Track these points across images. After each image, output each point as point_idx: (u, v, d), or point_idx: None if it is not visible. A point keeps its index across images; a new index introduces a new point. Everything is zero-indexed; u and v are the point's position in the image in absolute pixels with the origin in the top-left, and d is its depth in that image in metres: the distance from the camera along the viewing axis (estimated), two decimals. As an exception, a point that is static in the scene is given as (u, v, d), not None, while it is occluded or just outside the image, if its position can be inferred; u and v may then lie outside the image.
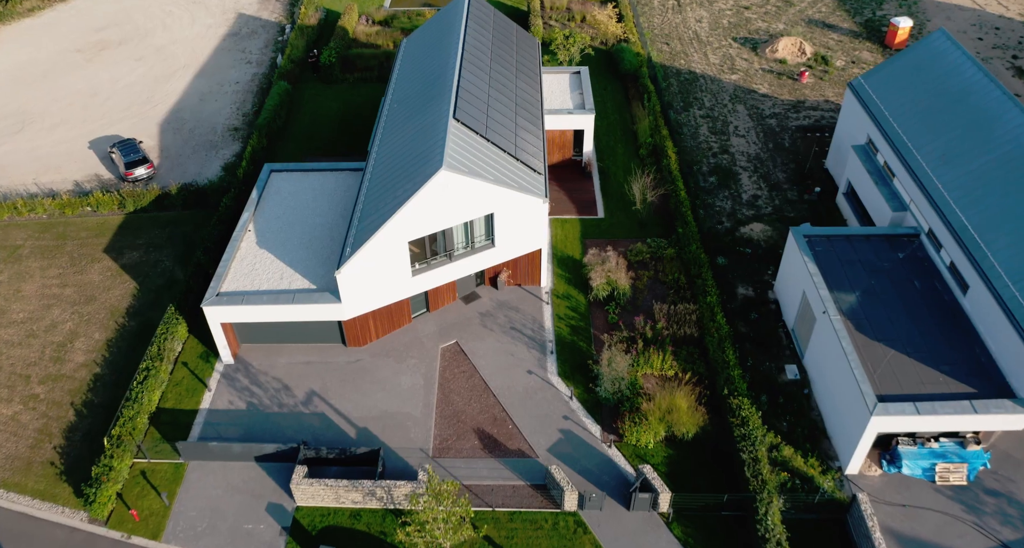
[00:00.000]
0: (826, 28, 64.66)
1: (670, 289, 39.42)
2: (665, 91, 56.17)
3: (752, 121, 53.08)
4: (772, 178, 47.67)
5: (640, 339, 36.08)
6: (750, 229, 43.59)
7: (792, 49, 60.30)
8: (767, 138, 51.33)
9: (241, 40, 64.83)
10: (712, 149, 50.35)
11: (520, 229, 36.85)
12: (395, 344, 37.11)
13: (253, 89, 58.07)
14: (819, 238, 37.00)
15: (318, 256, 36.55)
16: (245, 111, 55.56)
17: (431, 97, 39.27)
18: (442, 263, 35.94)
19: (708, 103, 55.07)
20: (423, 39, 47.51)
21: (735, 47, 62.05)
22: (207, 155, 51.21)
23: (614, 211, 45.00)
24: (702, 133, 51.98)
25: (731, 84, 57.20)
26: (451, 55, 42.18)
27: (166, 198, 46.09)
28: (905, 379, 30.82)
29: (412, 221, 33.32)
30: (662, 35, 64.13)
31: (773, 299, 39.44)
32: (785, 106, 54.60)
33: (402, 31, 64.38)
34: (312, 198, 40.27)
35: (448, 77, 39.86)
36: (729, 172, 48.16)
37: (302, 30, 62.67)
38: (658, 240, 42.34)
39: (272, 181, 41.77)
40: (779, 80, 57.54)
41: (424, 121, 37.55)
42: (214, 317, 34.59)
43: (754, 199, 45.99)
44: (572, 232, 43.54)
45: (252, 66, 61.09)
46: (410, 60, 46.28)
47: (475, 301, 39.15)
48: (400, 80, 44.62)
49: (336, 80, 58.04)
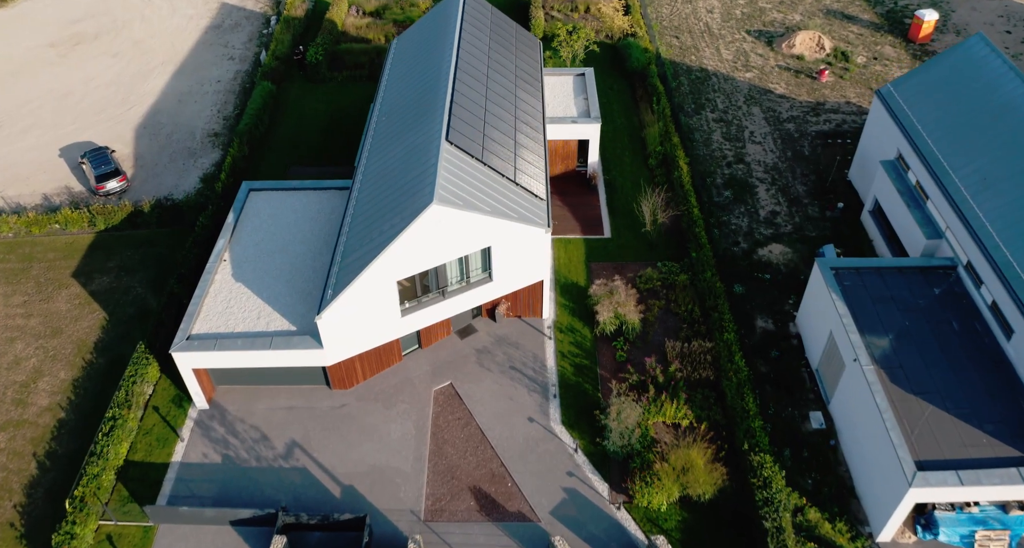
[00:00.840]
0: (845, 20, 60.73)
1: (683, 322, 36.33)
2: (675, 91, 52.54)
3: (768, 126, 49.55)
4: (791, 191, 44.31)
5: (651, 384, 33.07)
6: (768, 251, 40.36)
7: (810, 44, 56.51)
8: (785, 145, 47.85)
9: (224, 33, 60.99)
10: (726, 158, 46.91)
11: (520, 261, 33.69)
12: (384, 386, 34.14)
13: (235, 89, 54.44)
14: (847, 271, 33.81)
15: (299, 291, 33.43)
16: (226, 114, 52.01)
17: (422, 112, 35.83)
18: (435, 301, 32.82)
19: (721, 105, 51.49)
20: (415, 40, 43.86)
21: (749, 41, 58.24)
22: (185, 164, 47.80)
23: (621, 230, 41.74)
24: (715, 139, 48.49)
25: (745, 83, 53.55)
26: (445, 62, 38.63)
27: (139, 216, 42.83)
28: (945, 441, 27.86)
29: (400, 259, 30.15)
30: (671, 28, 60.24)
31: (795, 333, 36.36)
32: (803, 108, 51.02)
33: (394, 23, 60.52)
34: (294, 221, 37.02)
35: (441, 89, 36.38)
36: (745, 185, 44.79)
37: (288, 23, 58.84)
38: (670, 264, 39.15)
39: (250, 201, 38.47)
40: (797, 79, 53.86)
41: (414, 141, 34.17)
42: (184, 363, 31.59)
43: (772, 216, 42.69)
44: (576, 254, 40.34)
45: (235, 63, 57.36)
46: (401, 64, 42.69)
47: (471, 335, 36.11)
48: (390, 88, 41.09)
49: (323, 79, 54.38)
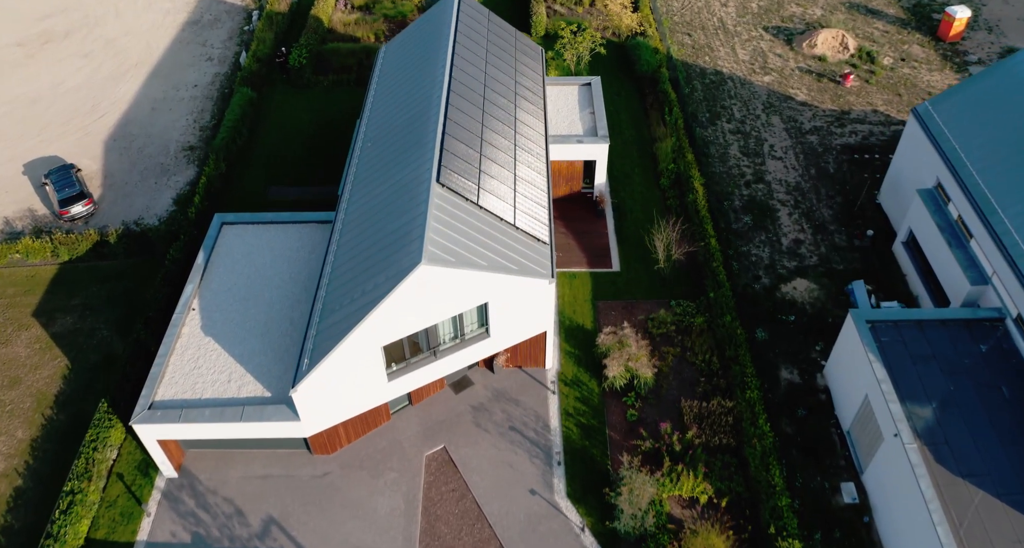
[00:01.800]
0: (869, 14, 56.47)
1: (700, 374, 33.05)
2: (688, 98, 48.61)
3: (790, 138, 45.73)
4: (816, 216, 40.70)
5: (666, 452, 29.88)
6: (793, 288, 36.92)
7: (833, 43, 52.40)
8: (808, 161, 44.10)
9: (202, 30, 56.81)
10: (745, 176, 43.21)
11: (521, 314, 30.29)
12: (371, 450, 30.98)
13: (213, 95, 50.50)
14: (885, 325, 30.40)
15: (274, 348, 30.09)
16: (203, 124, 48.16)
17: (411, 143, 32.14)
18: (425, 361, 29.49)
19: (738, 114, 47.61)
20: (404, 50, 39.92)
21: (767, 39, 54.10)
22: (157, 183, 44.13)
23: (631, 262, 38.24)
24: (732, 154, 44.73)
25: (764, 88, 49.59)
26: (436, 80, 34.82)
27: (105, 246, 39.32)
28: (997, 534, 24.74)
29: (385, 324, 26.77)
30: (683, 23, 56.02)
31: (823, 386, 33.10)
32: (827, 118, 47.13)
33: (385, 19, 56.31)
34: (270, 262, 33.55)
35: (432, 114, 32.63)
36: (766, 208, 41.16)
37: (271, 19, 54.65)
38: (684, 304, 35.75)
39: (223, 237, 34.95)
40: (819, 83, 49.88)
41: (402, 178, 30.54)
42: (147, 435, 28.39)
43: (796, 245, 39.15)
44: (582, 290, 36.91)
45: (213, 64, 53.31)
46: (389, 79, 38.83)
47: (467, 390, 32.86)
48: (377, 106, 37.31)
49: (308, 84, 50.40)
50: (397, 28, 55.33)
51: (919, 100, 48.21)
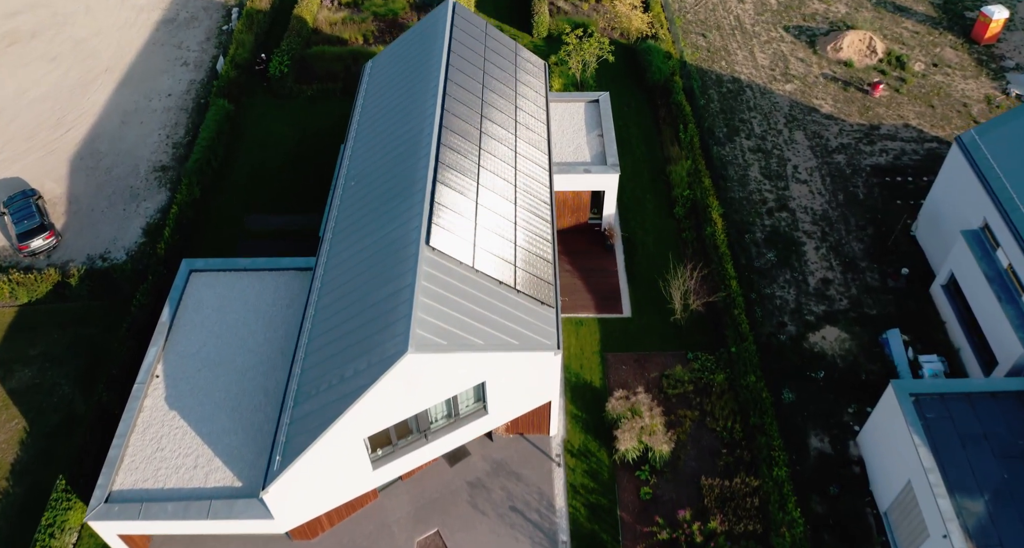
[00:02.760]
0: (897, 13, 52.25)
1: (722, 444, 29.87)
2: (704, 110, 44.74)
3: (815, 157, 42.01)
4: (845, 250, 37.20)
5: (685, 544, 26.81)
6: (821, 338, 33.59)
7: (860, 46, 48.34)
8: (835, 185, 40.44)
9: (177, 30, 52.63)
10: (767, 203, 39.59)
11: (524, 388, 27.00)
12: (356, 535, 27.90)
13: (188, 105, 46.60)
14: (930, 399, 27.12)
15: (247, 426, 26.84)
16: (176, 140, 44.35)
17: (398, 189, 28.53)
18: (415, 444, 26.28)
19: (758, 128, 43.79)
20: (393, 69, 36.05)
21: (788, 41, 50.00)
22: (126, 210, 40.52)
23: (643, 306, 34.86)
24: (753, 176, 41.05)
25: (786, 99, 45.68)
26: (427, 110, 31.09)
27: (67, 286, 35.91)
28: None
29: (367, 416, 23.50)
30: (696, 22, 51.84)
31: (856, 456, 29.95)
32: (855, 133, 43.33)
33: (375, 18, 52.13)
34: (242, 318, 30.14)
35: (422, 156, 28.98)
36: (790, 241, 37.62)
37: (251, 18, 50.47)
38: (703, 357, 32.47)
39: (192, 287, 31.51)
40: (845, 92, 45.96)
41: (387, 234, 26.98)
42: (105, 532, 25.31)
43: (824, 285, 35.71)
44: (590, 340, 33.60)
45: (189, 70, 49.30)
46: (375, 101, 35.05)
47: (463, 461, 29.70)
48: (362, 134, 33.61)
49: (290, 94, 46.46)
50: (387, 28, 51.23)
51: (953, 113, 44.38)
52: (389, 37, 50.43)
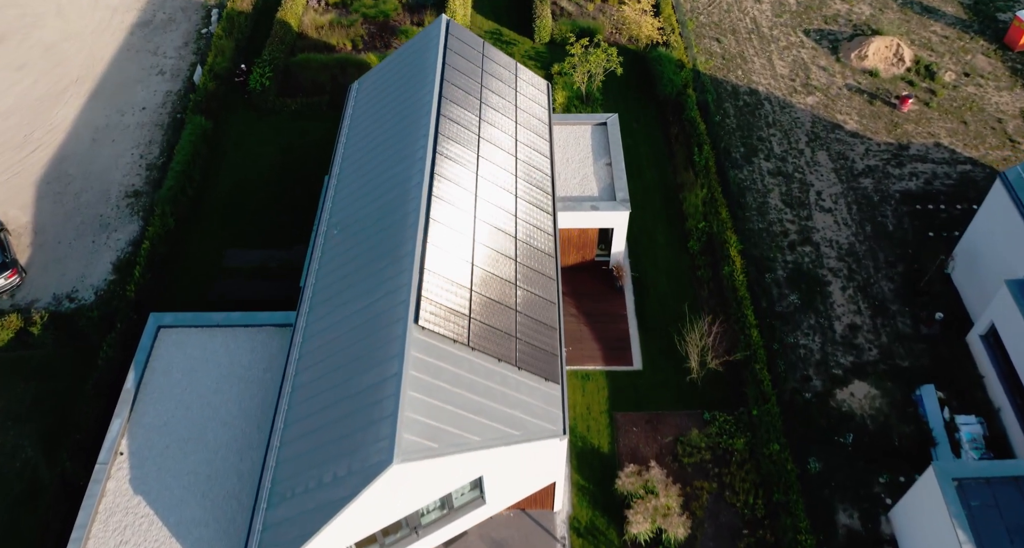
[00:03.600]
0: (925, 14, 48.65)
1: (743, 523, 27.26)
2: (719, 126, 41.47)
3: (840, 182, 38.87)
4: (874, 291, 34.28)
5: (704, 647, 24.39)
6: (850, 394, 30.83)
7: (886, 54, 44.89)
8: (862, 214, 37.38)
9: (154, 33, 49.10)
10: (788, 235, 36.57)
11: (526, 475, 24.29)
12: (342, 630, 25.47)
13: (163, 121, 43.31)
14: (975, 483, 24.43)
15: (219, 517, 24.13)
16: (150, 160, 41.18)
17: (385, 249, 25.51)
18: (404, 540, 23.62)
19: (778, 148, 40.59)
20: (380, 96, 32.79)
21: (808, 46, 46.51)
22: (95, 242, 37.51)
23: (655, 357, 32.05)
24: (773, 204, 37.97)
25: (807, 113, 42.38)
26: (417, 150, 27.96)
27: (30, 333, 33.08)
28: None
29: (349, 526, 20.82)
30: (710, 25, 48.28)
31: (889, 535, 27.36)
32: (882, 154, 40.14)
33: (364, 20, 48.54)
34: (216, 385, 27.32)
35: (411, 209, 25.92)
36: (815, 281, 34.69)
37: (232, 22, 46.95)
38: (721, 418, 29.74)
39: (161, 345, 28.64)
40: (871, 106, 42.64)
41: (373, 304, 24.05)
42: (57, 642, 22.84)
43: (852, 333, 32.86)
44: (597, 397, 30.85)
45: (165, 80, 45.91)
46: (361, 131, 31.88)
47: (458, 541, 27.11)
48: (347, 171, 30.51)
49: (272, 109, 43.13)
50: (378, 32, 47.71)
51: (987, 130, 41.15)
52: (380, 42, 46.97)
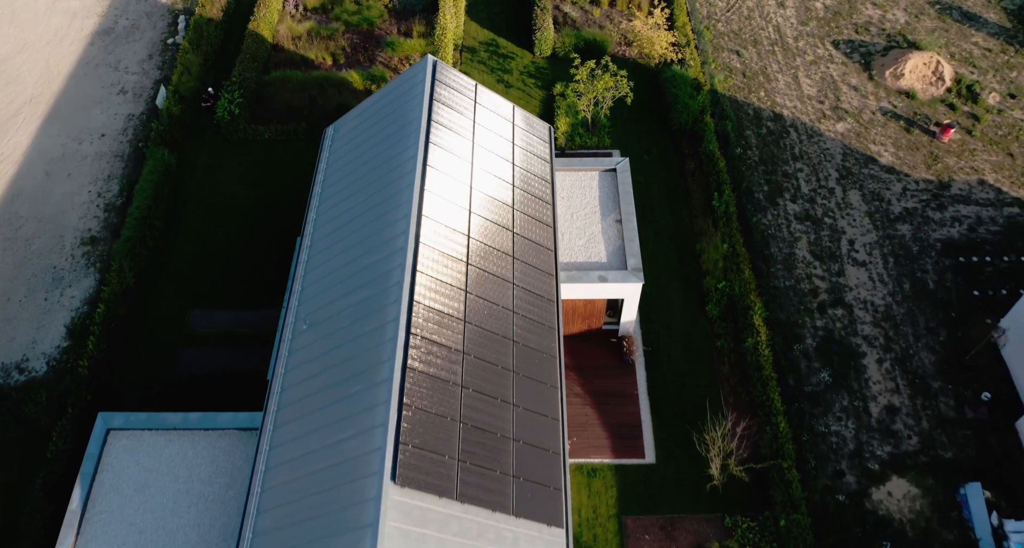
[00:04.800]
0: (965, 22, 44.01)
1: None
2: (741, 160, 37.35)
3: (875, 228, 34.98)
4: (914, 364, 30.71)
5: None
6: (887, 494, 27.50)
7: (924, 72, 40.51)
8: (900, 269, 33.59)
9: (116, 43, 44.51)
10: (818, 295, 32.82)
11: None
12: None
13: (124, 151, 39.13)
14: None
15: None
16: (109, 199, 37.17)
17: (359, 366, 21.84)
18: None
19: (806, 186, 36.57)
20: (358, 150, 28.68)
21: (838, 61, 42.04)
22: (48, 300, 33.78)
23: (670, 448, 28.62)
24: (800, 256, 34.14)
25: (838, 143, 38.24)
26: (396, 242, 24.09)
27: (-30, 418, 29.68)
28: None
29: None
30: (729, 35, 43.71)
31: None
32: (921, 194, 36.15)
33: (347, 28, 43.92)
34: (173, 502, 23.93)
35: (389, 322, 22.16)
36: (848, 352, 31.08)
37: (200, 32, 42.35)
38: (744, 523, 26.46)
39: (110, 453, 25.17)
40: (908, 135, 38.46)
41: (342, 450, 20.45)
42: None
43: (889, 416, 29.39)
44: (604, 498, 27.51)
45: (127, 100, 41.55)
46: (338, 193, 27.92)
47: None
48: (319, 244, 26.69)
49: (244, 137, 38.93)
50: (362, 43, 43.18)
51: (1039, 162, 37.11)
52: (364, 56, 42.47)
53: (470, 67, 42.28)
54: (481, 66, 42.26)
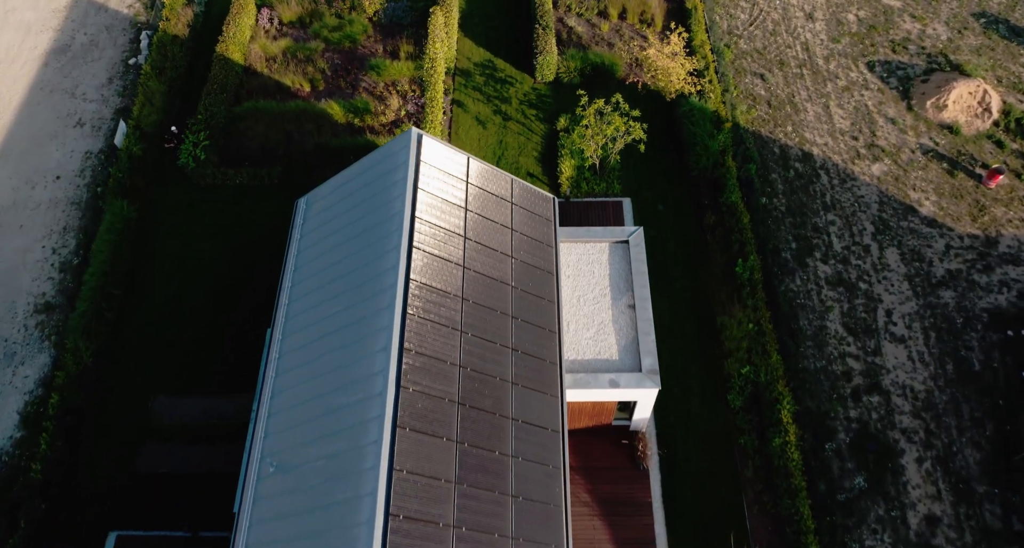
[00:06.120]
0: (1013, 38, 39.49)
1: None
2: (766, 212, 33.58)
3: (914, 295, 31.45)
4: (957, 465, 27.58)
5: None
6: (930, 628, 24.79)
7: (969, 103, 36.37)
8: (942, 346, 30.19)
9: (73, 64, 40.13)
10: (852, 378, 29.49)
11: None
12: None
13: (81, 197, 35.31)
14: None
15: None
16: (64, 257, 33.52)
17: (328, 522, 18.77)
18: None
19: (838, 243, 32.89)
20: (333, 239, 24.98)
21: (873, 86, 37.81)
22: (0, 380, 30.62)
23: (687, 567, 25.83)
24: (832, 330, 30.69)
25: (873, 189, 34.40)
26: (374, 367, 20.73)
27: (-90, 531, 26.74)
28: None
29: None
30: (752, 54, 39.31)
31: None
32: (965, 253, 32.49)
33: (327, 46, 39.49)
34: None
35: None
36: (884, 451, 27.89)
37: (163, 52, 37.98)
38: None
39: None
40: (952, 179, 34.61)
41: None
42: None
43: (929, 529, 26.42)
44: (614, 628, 24.82)
45: (84, 133, 37.46)
46: (308, 287, 24.41)
47: None
48: (288, 360, 23.32)
49: (212, 183, 35.01)
50: (343, 64, 38.86)
51: (1097, 213, 33.39)
52: (345, 81, 38.22)
53: (464, 94, 38.05)
54: (476, 94, 38.03)
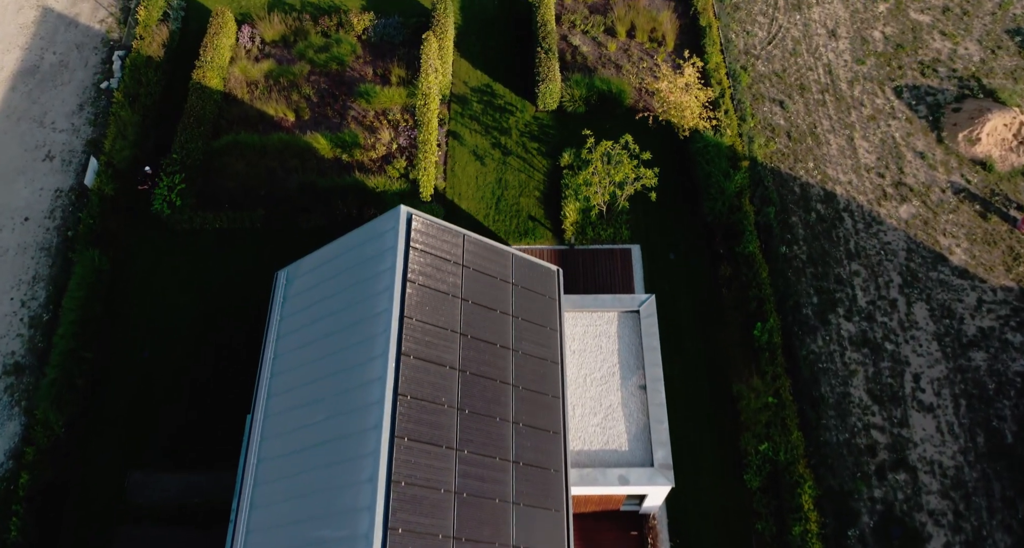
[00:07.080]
0: (1058, 58, 36.77)
1: None
2: (786, 263, 31.22)
3: (944, 357, 29.28)
4: (990, 553, 25.84)
5: None
6: None
7: (1004, 136, 33.76)
8: (972, 416, 28.14)
9: (41, 87, 37.30)
10: (876, 453, 27.50)
11: None
12: None
13: (51, 241, 32.91)
14: None
15: None
16: (34, 311, 31.26)
17: None
18: None
19: (863, 297, 30.60)
20: (314, 326, 22.74)
21: (901, 115, 35.11)
22: (-38, 452, 28.61)
23: None
24: (856, 397, 28.60)
25: (900, 235, 32.00)
26: (363, 472, 18.74)
27: None
28: None
29: None
30: (771, 76, 36.50)
31: None
32: (999, 308, 30.22)
33: (312, 69, 36.66)
34: None
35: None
36: (910, 536, 26.05)
37: (137, 77, 35.15)
38: None
39: None
40: (984, 223, 32.18)
41: None
42: None
43: (961, 628, 24.77)
44: None
45: (54, 169, 34.88)
46: (289, 371, 22.29)
47: None
48: (268, 459, 21.31)
49: (189, 228, 32.54)
50: (330, 88, 36.11)
51: None
52: (332, 109, 35.52)
53: (460, 125, 35.36)
54: (473, 123, 35.35)
